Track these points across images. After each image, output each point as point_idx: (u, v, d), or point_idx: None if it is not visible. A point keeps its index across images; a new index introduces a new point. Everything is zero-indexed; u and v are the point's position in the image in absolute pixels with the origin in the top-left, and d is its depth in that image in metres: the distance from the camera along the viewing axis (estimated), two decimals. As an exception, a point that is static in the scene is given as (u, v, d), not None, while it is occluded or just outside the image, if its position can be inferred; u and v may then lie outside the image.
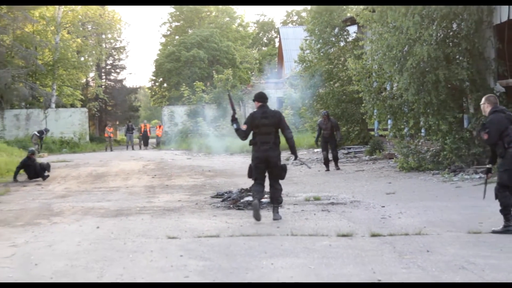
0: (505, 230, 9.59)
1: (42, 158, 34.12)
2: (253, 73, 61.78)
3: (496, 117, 9.74)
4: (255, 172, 11.92)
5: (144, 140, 51.80)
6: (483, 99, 10.23)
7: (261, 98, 12.28)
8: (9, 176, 23.38)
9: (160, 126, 51.99)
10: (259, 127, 11.89)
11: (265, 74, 59.36)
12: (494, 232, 9.62)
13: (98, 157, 35.52)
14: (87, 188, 18.88)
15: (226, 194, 14.83)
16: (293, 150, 12.21)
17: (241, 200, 13.48)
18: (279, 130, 12.02)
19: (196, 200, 14.90)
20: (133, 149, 48.71)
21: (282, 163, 12.12)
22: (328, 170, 21.71)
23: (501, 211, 9.77)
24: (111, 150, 46.58)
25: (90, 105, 62.54)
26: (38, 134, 41.42)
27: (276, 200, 11.90)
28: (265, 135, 11.85)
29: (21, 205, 14.90)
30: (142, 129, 52.29)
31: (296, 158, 12.54)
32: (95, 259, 8.36)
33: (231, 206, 13.41)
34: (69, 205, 14.60)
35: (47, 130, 42.18)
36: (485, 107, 10.06)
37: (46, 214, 13.26)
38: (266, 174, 12.05)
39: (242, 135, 12.11)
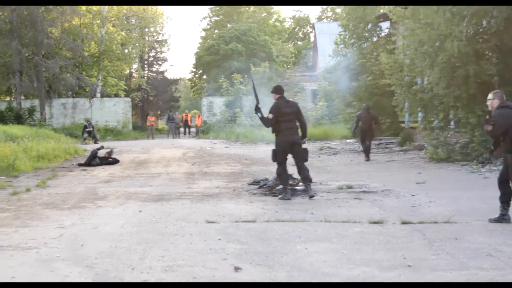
0: (501, 219, 9.62)
1: (87, 145, 34.50)
2: (288, 67, 61.71)
3: (504, 111, 9.62)
4: (280, 156, 12.87)
5: (185, 129, 52.16)
6: (491, 95, 10.05)
7: (280, 90, 13.21)
8: (56, 161, 23.66)
9: (199, 116, 52.18)
10: (284, 115, 12.77)
11: (300, 67, 59.27)
12: (490, 221, 9.63)
13: (140, 145, 35.75)
14: (130, 174, 19.02)
15: (262, 182, 14.84)
16: (306, 133, 13.24)
17: (277, 188, 13.47)
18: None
19: (233, 186, 14.94)
20: (173, 137, 48.92)
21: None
22: (366, 160, 21.59)
23: (500, 198, 9.75)
24: (153, 138, 46.85)
25: (133, 95, 62.96)
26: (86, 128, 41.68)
27: (307, 179, 12.70)
28: (289, 122, 12.81)
29: (67, 189, 15.06)
30: (183, 119, 52.57)
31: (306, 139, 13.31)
32: (138, 241, 8.42)
33: (267, 193, 13.43)
34: (113, 190, 14.74)
35: (87, 126, 42.28)
36: (494, 103, 9.92)
37: (91, 198, 13.39)
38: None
39: (269, 122, 12.87)
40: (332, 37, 37.37)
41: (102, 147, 24.04)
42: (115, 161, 23.01)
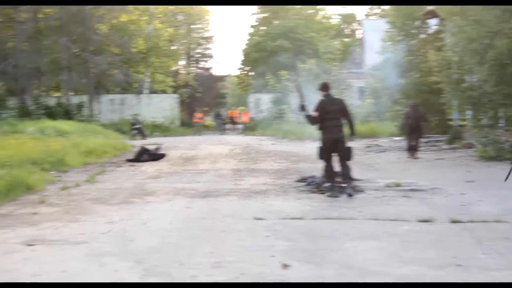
0: None
1: (136, 141, 34.82)
2: (335, 64, 61.43)
3: None
4: (325, 153, 12.82)
5: (232, 125, 52.27)
6: None
7: (326, 87, 13.10)
8: (105, 157, 23.88)
9: (246, 113, 52.20)
10: (329, 112, 12.68)
11: (347, 64, 58.93)
12: None
13: (188, 141, 35.90)
14: (178, 170, 19.12)
15: (309, 179, 14.76)
16: (354, 130, 12.96)
17: (324, 185, 13.42)
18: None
19: (280, 183, 14.92)
20: (220, 133, 49.05)
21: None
22: (414, 158, 21.36)
23: None
24: (200, 135, 47.01)
25: (180, 91, 63.22)
26: (134, 125, 42.01)
27: (346, 177, 12.69)
28: (334, 119, 12.69)
29: (116, 185, 15.21)
30: (230, 115, 52.69)
31: (355, 136, 13.19)
32: (186, 237, 8.47)
33: (314, 190, 13.38)
34: (161, 186, 14.83)
35: (135, 123, 42.48)
36: None
37: (139, 193, 13.50)
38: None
39: (314, 120, 12.90)
40: (379, 34, 37.05)
41: (159, 148, 24.16)
42: (162, 156, 23.17)
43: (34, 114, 42.75)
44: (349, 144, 12.93)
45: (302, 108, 13.05)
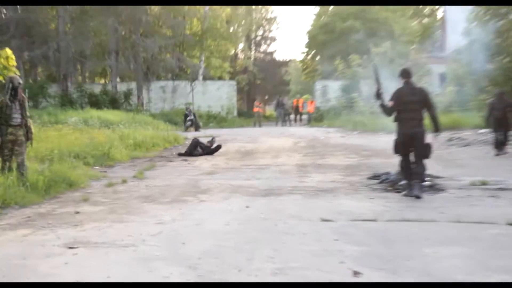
0: None
1: (189, 133, 35.05)
2: (413, 47, 60.75)
3: None
4: (401, 147, 12.46)
5: (296, 116, 52.10)
6: None
7: (406, 74, 12.66)
8: (154, 150, 24.13)
9: (312, 102, 51.99)
10: (407, 103, 12.30)
11: (427, 47, 58.23)
12: None
13: (246, 133, 35.99)
14: (235, 165, 19.17)
15: (383, 176, 14.62)
16: (438, 126, 12.53)
17: (400, 183, 13.25)
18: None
19: (350, 181, 14.82)
20: (283, 125, 48.93)
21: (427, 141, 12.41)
22: (499, 154, 20.95)
23: None
24: (260, 126, 47.03)
25: (238, 78, 63.37)
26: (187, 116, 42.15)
27: (417, 176, 12.25)
28: (412, 111, 12.29)
29: (167, 181, 15.32)
30: (294, 105, 52.53)
31: (439, 133, 12.72)
32: (245, 240, 8.45)
33: (389, 188, 13.24)
34: (216, 183, 14.88)
35: (188, 115, 42.58)
36: None
37: (192, 191, 13.56)
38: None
39: (388, 111, 12.63)
40: (463, 14, 36.49)
41: (214, 140, 24.22)
42: (218, 148, 23.23)
43: (76, 102, 43.42)
44: (428, 140, 12.54)
45: (378, 95, 12.77)
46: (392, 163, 16.01)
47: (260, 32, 75.56)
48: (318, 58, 68.92)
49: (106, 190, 13.81)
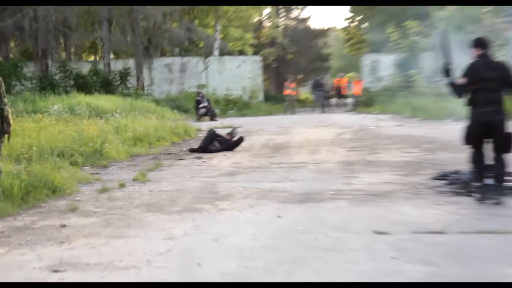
0: None
1: (202, 123, 35.12)
2: (486, 9, 60.38)
3: None
4: (474, 137, 12.26)
5: (338, 99, 51.97)
6: None
7: (482, 43, 12.33)
8: (160, 146, 24.20)
9: (358, 81, 51.77)
10: (484, 81, 11.99)
11: (505, 10, 57.83)
12: None
13: (276, 122, 36.02)
14: (263, 163, 19.18)
15: (453, 175, 14.53)
16: None
17: (475, 184, 13.16)
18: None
19: (410, 182, 14.77)
20: (322, 111, 48.82)
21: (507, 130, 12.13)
22: None
23: None
24: (293, 113, 47.00)
25: (264, 52, 63.24)
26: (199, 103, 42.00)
27: (497, 175, 12.12)
28: (490, 92, 11.98)
29: (176, 185, 15.34)
30: (336, 85, 52.39)
31: None
32: (277, 259, 8.43)
33: (461, 191, 13.15)
34: (239, 186, 14.88)
35: (200, 101, 42.26)
36: None
37: (209, 197, 13.56)
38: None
39: (459, 91, 12.37)
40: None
41: (235, 132, 24.14)
42: (240, 142, 23.21)
43: (60, 86, 43.57)
44: (510, 129, 12.25)
45: (446, 72, 12.54)
46: (464, 159, 15.96)
47: (291, -6, 75.50)
48: (365, 25, 68.73)
49: (100, 197, 13.83)
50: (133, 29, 47.32)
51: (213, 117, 40.54)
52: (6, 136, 13.48)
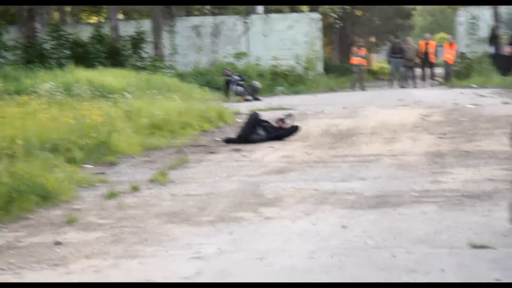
0: None
1: (241, 103, 35.12)
2: None
3: None
4: None
5: (424, 69, 51.60)
6: None
7: None
8: (186, 135, 24.16)
9: (451, 45, 51.40)
10: None
11: None
12: None
13: (340, 102, 35.93)
14: (322, 156, 19.22)
15: None
16: None
17: None
18: None
19: (521, 179, 14.74)
20: (402, 85, 48.60)
21: None
22: None
23: None
24: (363, 89, 46.90)
25: (324, 8, 63.00)
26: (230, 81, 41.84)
27: None
28: None
29: (208, 187, 15.42)
30: (422, 50, 51.95)
31: None
32: (343, 282, 8.48)
33: None
34: (291, 187, 14.94)
35: (230, 80, 42.09)
36: None
37: (251, 202, 13.64)
38: None
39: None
40: None
41: (290, 116, 24.04)
42: (294, 131, 23.15)
43: (52, 57, 43.66)
44: None
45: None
46: None
47: None
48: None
49: (106, 204, 13.92)
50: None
51: (255, 96, 40.32)
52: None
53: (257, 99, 39.22)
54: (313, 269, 9.07)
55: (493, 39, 11.82)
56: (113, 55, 44.58)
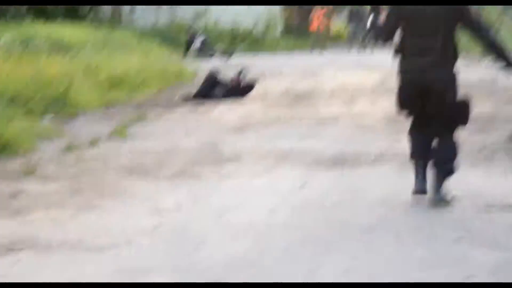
0: None
1: (201, 63, 35.07)
2: None
3: None
4: None
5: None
6: None
7: None
8: (145, 92, 24.10)
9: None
10: None
11: None
12: None
13: (299, 64, 35.95)
14: (281, 116, 19.21)
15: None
16: None
17: None
18: None
19: (481, 143, 14.69)
20: (361, 49, 48.62)
21: None
22: None
23: None
24: (322, 51, 46.88)
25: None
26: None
27: None
28: None
29: (166, 143, 15.38)
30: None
31: None
32: (302, 242, 8.45)
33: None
34: (250, 145, 14.95)
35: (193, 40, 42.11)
36: None
37: (210, 159, 13.64)
38: None
39: None
40: None
41: (243, 73, 23.98)
42: (251, 87, 23.11)
43: (8, 13, 43.36)
44: None
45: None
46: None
47: None
48: None
49: (65, 157, 13.87)
50: None
51: (212, 55, 40.35)
52: None
53: (213, 57, 39.24)
54: (272, 228, 9.03)
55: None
56: (72, 10, 44.30)
